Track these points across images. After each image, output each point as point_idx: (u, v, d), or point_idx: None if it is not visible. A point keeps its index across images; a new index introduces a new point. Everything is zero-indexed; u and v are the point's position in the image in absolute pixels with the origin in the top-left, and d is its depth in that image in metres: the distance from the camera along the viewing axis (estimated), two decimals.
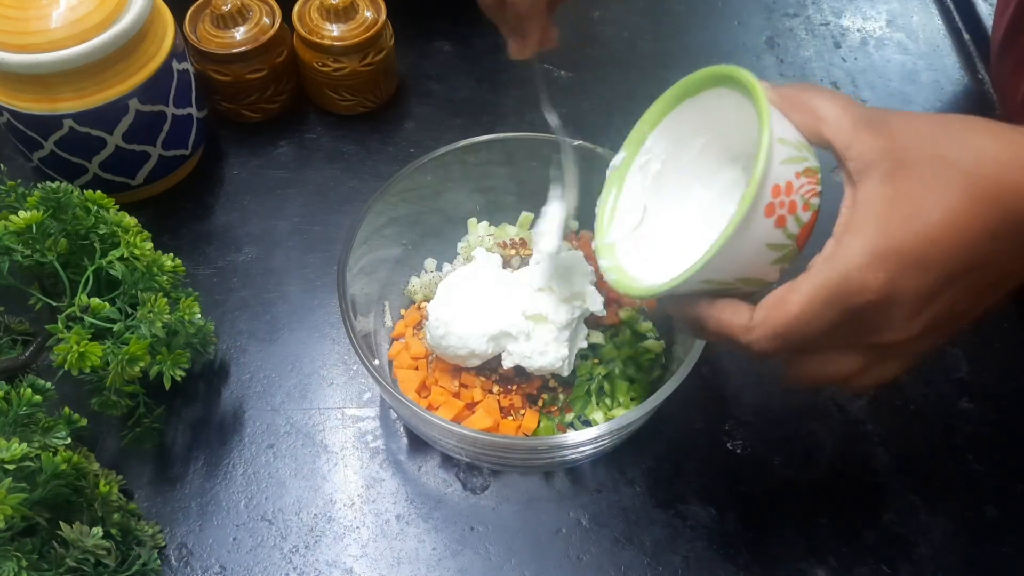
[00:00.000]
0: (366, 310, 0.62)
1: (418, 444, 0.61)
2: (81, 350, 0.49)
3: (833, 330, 0.38)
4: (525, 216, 0.67)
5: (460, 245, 0.67)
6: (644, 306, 0.64)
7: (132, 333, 0.52)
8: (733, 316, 0.40)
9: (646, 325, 0.62)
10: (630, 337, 0.61)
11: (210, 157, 0.76)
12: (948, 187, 0.37)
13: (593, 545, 0.57)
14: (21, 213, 0.53)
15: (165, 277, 0.55)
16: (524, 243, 0.65)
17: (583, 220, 0.67)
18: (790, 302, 0.38)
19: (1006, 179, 0.37)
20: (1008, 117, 0.69)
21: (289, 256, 0.70)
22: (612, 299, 0.63)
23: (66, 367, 0.49)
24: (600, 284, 0.61)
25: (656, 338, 0.62)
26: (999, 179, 0.37)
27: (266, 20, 0.72)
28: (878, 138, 0.38)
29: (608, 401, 0.60)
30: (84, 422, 0.51)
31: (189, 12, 0.72)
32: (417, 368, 0.61)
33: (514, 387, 0.60)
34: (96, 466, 0.54)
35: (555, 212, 0.58)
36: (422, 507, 0.58)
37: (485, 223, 0.67)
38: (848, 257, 0.37)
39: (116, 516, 0.52)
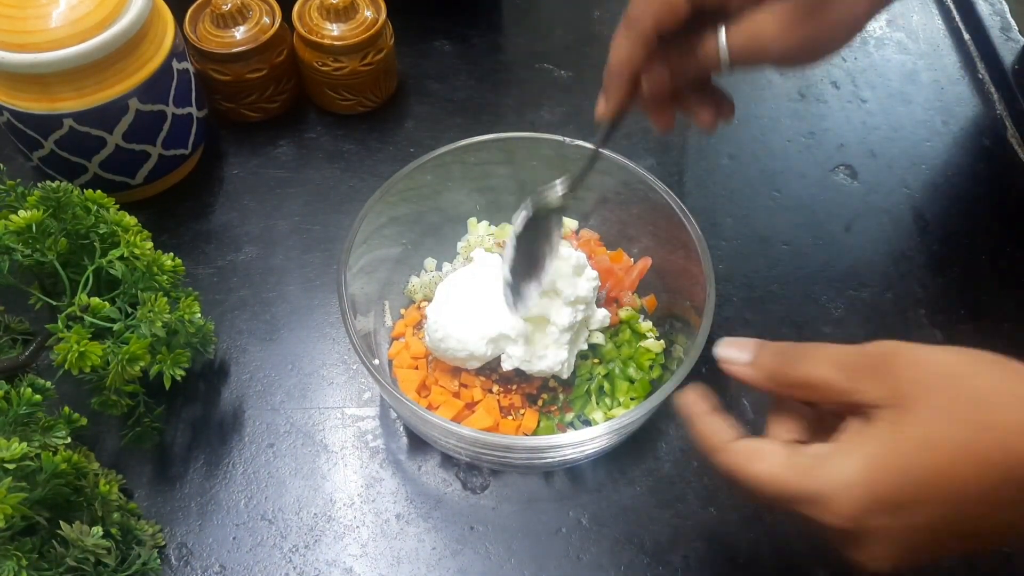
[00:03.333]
0: (366, 310, 0.62)
1: (418, 444, 0.61)
2: (81, 349, 0.49)
3: (781, 506, 0.39)
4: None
5: (460, 245, 0.67)
6: (644, 306, 0.64)
7: (132, 333, 0.52)
8: (718, 430, 0.41)
9: (646, 325, 0.62)
10: (630, 337, 0.61)
11: (210, 157, 0.76)
12: (945, 447, 0.35)
13: (593, 545, 0.57)
14: (21, 213, 0.52)
15: (165, 276, 0.55)
16: None
17: (582, 219, 0.67)
18: (759, 465, 0.39)
19: (1012, 445, 0.35)
20: None
21: (289, 256, 0.70)
22: (611, 299, 0.63)
23: (66, 367, 0.49)
24: (600, 288, 0.61)
25: (656, 338, 0.62)
26: (1004, 444, 0.35)
27: (266, 20, 0.72)
28: (882, 385, 0.37)
29: (608, 401, 0.60)
30: (84, 422, 0.51)
31: (189, 12, 0.72)
32: (417, 368, 0.61)
33: (514, 387, 0.60)
34: (96, 465, 0.54)
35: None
36: (422, 507, 0.58)
37: (485, 223, 0.67)
38: (826, 478, 0.36)
39: (116, 515, 0.52)
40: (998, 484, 0.34)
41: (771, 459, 0.39)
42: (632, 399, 0.60)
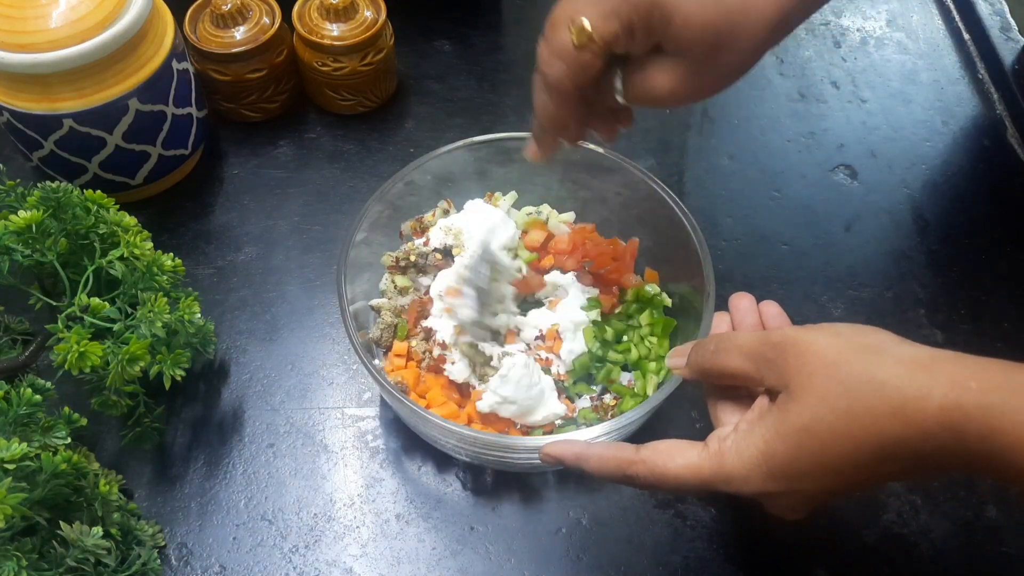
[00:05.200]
0: (366, 309, 0.62)
1: (418, 444, 0.61)
2: (81, 350, 0.49)
3: (702, 491, 0.46)
4: (524, 210, 0.67)
5: (404, 224, 0.65)
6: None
7: (132, 333, 0.52)
8: (616, 450, 0.47)
9: (653, 290, 0.63)
10: (644, 312, 0.62)
11: (210, 157, 0.76)
12: (824, 435, 0.40)
13: (593, 545, 0.57)
14: (21, 213, 0.52)
15: (165, 277, 0.55)
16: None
17: (579, 216, 0.67)
18: (678, 461, 0.45)
19: (887, 426, 0.39)
20: None
21: (289, 256, 0.70)
22: (613, 281, 0.63)
23: (66, 367, 0.49)
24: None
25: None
26: (874, 429, 0.39)
27: (266, 20, 0.72)
28: (778, 373, 0.43)
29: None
30: (84, 422, 0.51)
31: (189, 12, 0.72)
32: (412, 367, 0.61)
33: None
34: (96, 466, 0.54)
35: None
36: (422, 507, 0.58)
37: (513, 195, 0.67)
38: (734, 463, 0.43)
39: (116, 516, 0.52)
40: (871, 460, 0.40)
41: (687, 453, 0.44)
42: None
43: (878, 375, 0.39)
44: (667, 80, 0.46)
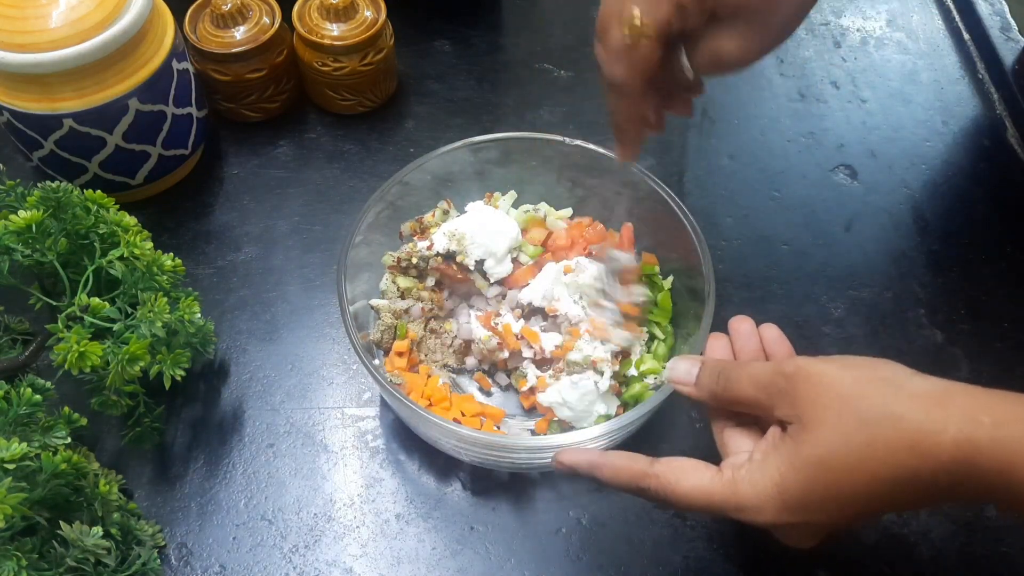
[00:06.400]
0: (366, 309, 0.62)
1: (418, 444, 0.61)
2: (81, 350, 0.49)
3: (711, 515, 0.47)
4: (522, 208, 0.67)
5: (404, 225, 0.65)
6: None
7: (132, 333, 0.52)
8: (630, 461, 0.47)
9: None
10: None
11: (210, 157, 0.76)
12: (839, 467, 0.40)
13: (593, 545, 0.57)
14: (21, 213, 0.52)
15: (165, 277, 0.55)
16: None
17: (577, 210, 0.67)
18: (690, 481, 0.45)
19: (904, 460, 0.39)
20: None
21: (289, 256, 0.70)
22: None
23: (66, 367, 0.49)
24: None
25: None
26: (891, 461, 0.39)
27: (266, 20, 0.72)
28: (790, 405, 0.43)
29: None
30: (84, 422, 0.51)
31: (189, 11, 0.72)
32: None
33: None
34: (96, 466, 0.54)
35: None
36: (422, 507, 0.58)
37: (512, 194, 0.67)
38: (746, 491, 0.43)
39: (116, 516, 0.52)
40: (886, 492, 0.40)
41: (700, 474, 0.45)
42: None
43: (896, 409, 0.40)
44: (733, 44, 0.45)
